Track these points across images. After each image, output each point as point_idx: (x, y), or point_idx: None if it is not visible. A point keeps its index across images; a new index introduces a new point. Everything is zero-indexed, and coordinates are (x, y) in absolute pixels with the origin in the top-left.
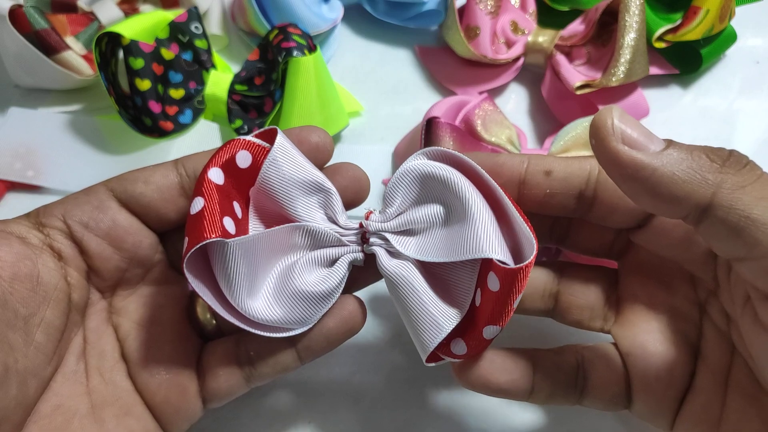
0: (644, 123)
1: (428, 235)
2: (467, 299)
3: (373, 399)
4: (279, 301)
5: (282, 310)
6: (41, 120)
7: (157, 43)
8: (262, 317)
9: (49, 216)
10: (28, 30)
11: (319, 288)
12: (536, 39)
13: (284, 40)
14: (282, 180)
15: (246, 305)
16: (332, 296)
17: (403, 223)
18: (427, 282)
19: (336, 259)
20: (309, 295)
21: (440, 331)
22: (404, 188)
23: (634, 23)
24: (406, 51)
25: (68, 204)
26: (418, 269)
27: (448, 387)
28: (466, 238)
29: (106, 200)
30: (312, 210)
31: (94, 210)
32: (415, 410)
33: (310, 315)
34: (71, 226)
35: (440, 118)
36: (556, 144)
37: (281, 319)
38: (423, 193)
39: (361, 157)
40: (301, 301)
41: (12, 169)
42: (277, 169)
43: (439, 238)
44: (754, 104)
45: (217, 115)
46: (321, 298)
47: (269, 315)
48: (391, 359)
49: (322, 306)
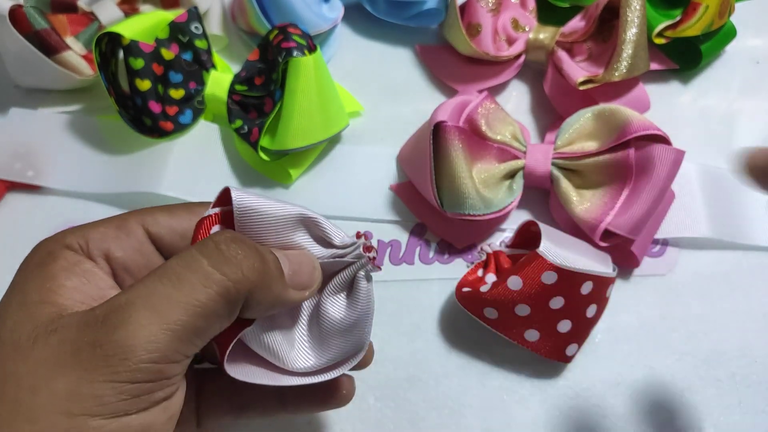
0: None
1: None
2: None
3: (374, 397)
4: (321, 344)
5: (333, 350)
6: (41, 120)
7: (157, 43)
8: (309, 366)
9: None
10: (28, 30)
11: (350, 315)
12: (537, 36)
13: (284, 40)
14: (261, 227)
15: (291, 363)
16: (369, 313)
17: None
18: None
19: (351, 279)
20: (347, 324)
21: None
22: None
23: (635, 18)
24: (406, 50)
25: (108, 242)
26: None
27: (449, 385)
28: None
29: (145, 242)
30: (307, 243)
31: (135, 253)
32: (416, 408)
33: (361, 338)
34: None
35: (447, 122)
36: (561, 137)
37: (334, 356)
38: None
39: (362, 158)
40: (344, 332)
41: (12, 169)
42: (250, 220)
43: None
44: (754, 104)
45: (217, 115)
46: (361, 319)
47: (319, 360)
48: (392, 356)
49: (366, 323)
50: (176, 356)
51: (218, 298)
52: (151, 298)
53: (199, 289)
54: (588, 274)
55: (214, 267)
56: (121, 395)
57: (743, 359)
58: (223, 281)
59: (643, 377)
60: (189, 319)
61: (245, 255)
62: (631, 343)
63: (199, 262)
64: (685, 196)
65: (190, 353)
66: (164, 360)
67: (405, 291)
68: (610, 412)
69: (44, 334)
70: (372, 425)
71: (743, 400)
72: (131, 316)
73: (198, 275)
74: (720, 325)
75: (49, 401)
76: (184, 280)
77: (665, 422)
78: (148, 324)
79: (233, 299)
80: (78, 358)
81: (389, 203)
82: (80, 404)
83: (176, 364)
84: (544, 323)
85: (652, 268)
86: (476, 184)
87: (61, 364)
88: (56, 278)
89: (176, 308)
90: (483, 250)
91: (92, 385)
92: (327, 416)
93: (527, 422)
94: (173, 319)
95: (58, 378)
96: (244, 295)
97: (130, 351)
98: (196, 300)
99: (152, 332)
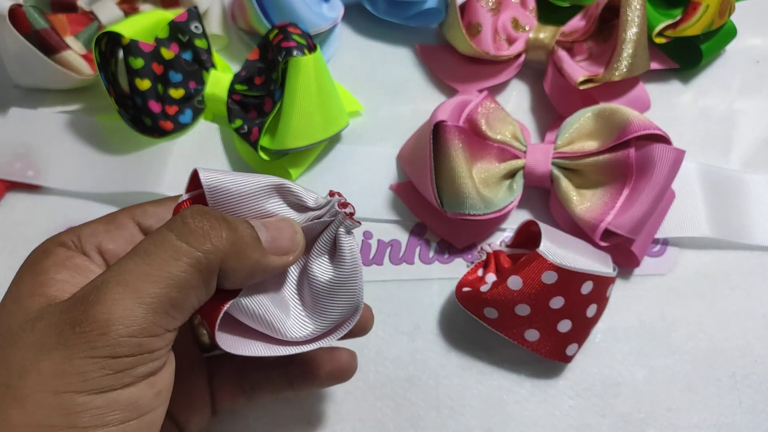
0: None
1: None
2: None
3: (374, 397)
4: (315, 309)
5: (328, 313)
6: (41, 120)
7: (157, 43)
8: (307, 334)
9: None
10: (28, 30)
11: (338, 274)
12: (537, 35)
13: (284, 39)
14: (234, 202)
15: (289, 332)
16: (356, 269)
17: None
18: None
19: (333, 237)
20: (337, 283)
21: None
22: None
23: (635, 18)
24: (406, 50)
25: (99, 235)
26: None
27: (449, 385)
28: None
29: (136, 234)
30: (282, 210)
31: (128, 244)
32: (416, 408)
33: (356, 293)
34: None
35: (447, 122)
36: (561, 137)
37: (331, 320)
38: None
39: (362, 158)
40: (335, 292)
41: (12, 169)
42: (222, 197)
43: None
44: (754, 104)
45: (217, 114)
46: (349, 276)
47: (316, 326)
48: (392, 356)
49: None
50: (155, 329)
51: (189, 268)
52: (123, 275)
53: (170, 261)
54: (588, 274)
55: (182, 240)
56: (103, 370)
57: (743, 359)
58: (192, 252)
59: (643, 377)
60: (162, 291)
61: (211, 225)
62: (631, 343)
63: (168, 237)
64: (685, 196)
65: (170, 326)
66: (143, 333)
67: (405, 291)
68: (610, 412)
69: (32, 321)
70: (372, 425)
71: (743, 400)
72: (106, 294)
73: (167, 249)
74: (720, 325)
75: (36, 382)
76: (154, 254)
77: (665, 422)
78: (122, 299)
79: (205, 269)
80: (61, 339)
81: (389, 203)
82: (65, 382)
83: (157, 338)
84: (544, 323)
85: (652, 268)
86: (476, 183)
87: (47, 346)
88: (47, 272)
89: (148, 282)
90: (483, 249)
91: (74, 362)
92: (327, 416)
93: (527, 422)
94: (147, 293)
95: (43, 359)
96: (216, 264)
97: (107, 326)
98: (167, 273)
99: (127, 306)
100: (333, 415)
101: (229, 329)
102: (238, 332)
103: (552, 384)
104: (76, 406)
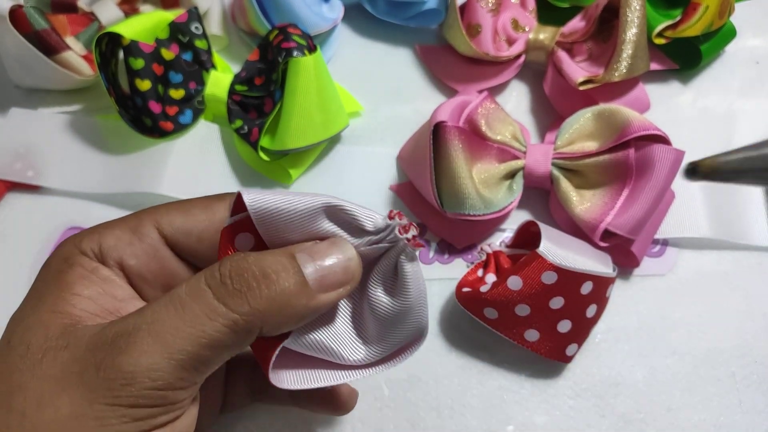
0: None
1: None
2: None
3: (374, 397)
4: (380, 335)
5: (392, 338)
6: (41, 120)
7: (157, 44)
8: (366, 358)
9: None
10: (28, 30)
11: (401, 301)
12: (537, 36)
13: (284, 40)
14: (283, 226)
15: (352, 357)
16: (421, 297)
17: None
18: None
19: (394, 264)
20: (400, 311)
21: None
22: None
23: (635, 18)
24: (406, 50)
25: (121, 249)
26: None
27: (449, 385)
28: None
29: (160, 248)
30: (336, 233)
31: (150, 260)
32: (416, 408)
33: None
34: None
35: (447, 122)
36: (561, 137)
37: (395, 343)
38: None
39: (362, 158)
40: (400, 319)
41: (12, 169)
42: (270, 221)
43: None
44: (754, 104)
45: (217, 115)
46: (414, 305)
47: (379, 350)
48: None
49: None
50: (181, 383)
51: (225, 329)
52: (155, 325)
53: (205, 321)
54: (588, 274)
55: (220, 300)
56: (122, 418)
57: (743, 359)
58: (229, 314)
59: (643, 377)
60: (193, 350)
61: (249, 287)
62: (631, 343)
63: (205, 294)
64: (684, 196)
65: (197, 380)
66: (168, 387)
67: None
68: (610, 412)
69: (54, 348)
70: (372, 425)
71: (743, 400)
72: (135, 343)
73: (203, 306)
74: (720, 325)
75: (52, 419)
76: (190, 310)
77: (665, 422)
78: (151, 352)
79: (242, 330)
80: (83, 379)
81: (389, 203)
82: (82, 424)
83: (182, 391)
84: (544, 323)
85: (652, 268)
86: (476, 184)
87: (67, 382)
88: (72, 287)
89: (181, 338)
90: (483, 250)
91: (94, 407)
92: (327, 416)
93: (527, 422)
94: (177, 349)
95: (62, 396)
96: (255, 325)
97: (132, 377)
98: (201, 331)
99: (155, 360)
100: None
101: (281, 362)
102: (290, 364)
103: (552, 384)
104: None
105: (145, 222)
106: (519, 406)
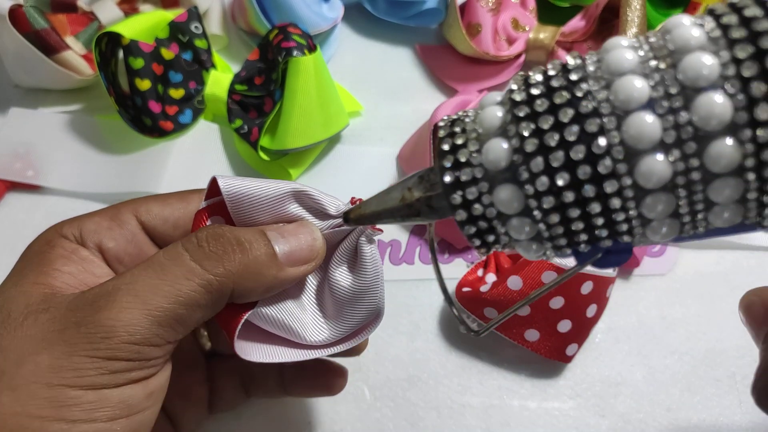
0: None
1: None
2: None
3: (374, 397)
4: (337, 315)
5: (350, 319)
6: (41, 120)
7: (157, 43)
8: (327, 338)
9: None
10: (28, 30)
11: (360, 282)
12: (537, 36)
13: (284, 39)
14: (254, 209)
15: (309, 336)
16: (377, 277)
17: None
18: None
19: (355, 246)
20: (359, 291)
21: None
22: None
23: (635, 18)
24: (406, 50)
25: (101, 233)
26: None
27: (449, 385)
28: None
29: (138, 233)
30: (303, 216)
31: (128, 244)
32: (416, 408)
33: (376, 296)
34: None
35: None
36: None
37: (352, 325)
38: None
39: (361, 158)
40: (357, 299)
41: (12, 169)
42: (243, 204)
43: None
44: None
45: (217, 115)
46: (371, 285)
47: (337, 331)
48: (392, 356)
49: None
50: (156, 340)
51: (200, 289)
52: (135, 285)
53: (181, 279)
54: (588, 274)
55: (196, 261)
56: (99, 369)
57: (743, 359)
58: (204, 274)
59: (643, 377)
60: (170, 307)
61: (225, 250)
62: (631, 343)
63: (183, 256)
64: None
65: (171, 339)
66: (144, 342)
67: (405, 291)
68: (610, 412)
69: (35, 312)
70: (372, 425)
71: (743, 400)
72: (116, 301)
73: (180, 267)
74: (720, 325)
75: (32, 372)
76: (168, 270)
77: (665, 422)
78: (130, 308)
79: (215, 291)
80: (63, 336)
81: None
82: (60, 375)
83: (157, 348)
84: (544, 323)
85: (652, 268)
86: None
87: (47, 340)
88: (53, 263)
89: (158, 295)
90: None
91: (73, 359)
92: (327, 416)
93: (527, 422)
94: (155, 305)
95: (42, 352)
96: (228, 287)
97: (112, 331)
98: (177, 289)
99: (134, 316)
100: (333, 415)
101: (246, 336)
102: (255, 338)
103: (552, 384)
104: (68, 399)
105: (123, 210)
106: (519, 406)
